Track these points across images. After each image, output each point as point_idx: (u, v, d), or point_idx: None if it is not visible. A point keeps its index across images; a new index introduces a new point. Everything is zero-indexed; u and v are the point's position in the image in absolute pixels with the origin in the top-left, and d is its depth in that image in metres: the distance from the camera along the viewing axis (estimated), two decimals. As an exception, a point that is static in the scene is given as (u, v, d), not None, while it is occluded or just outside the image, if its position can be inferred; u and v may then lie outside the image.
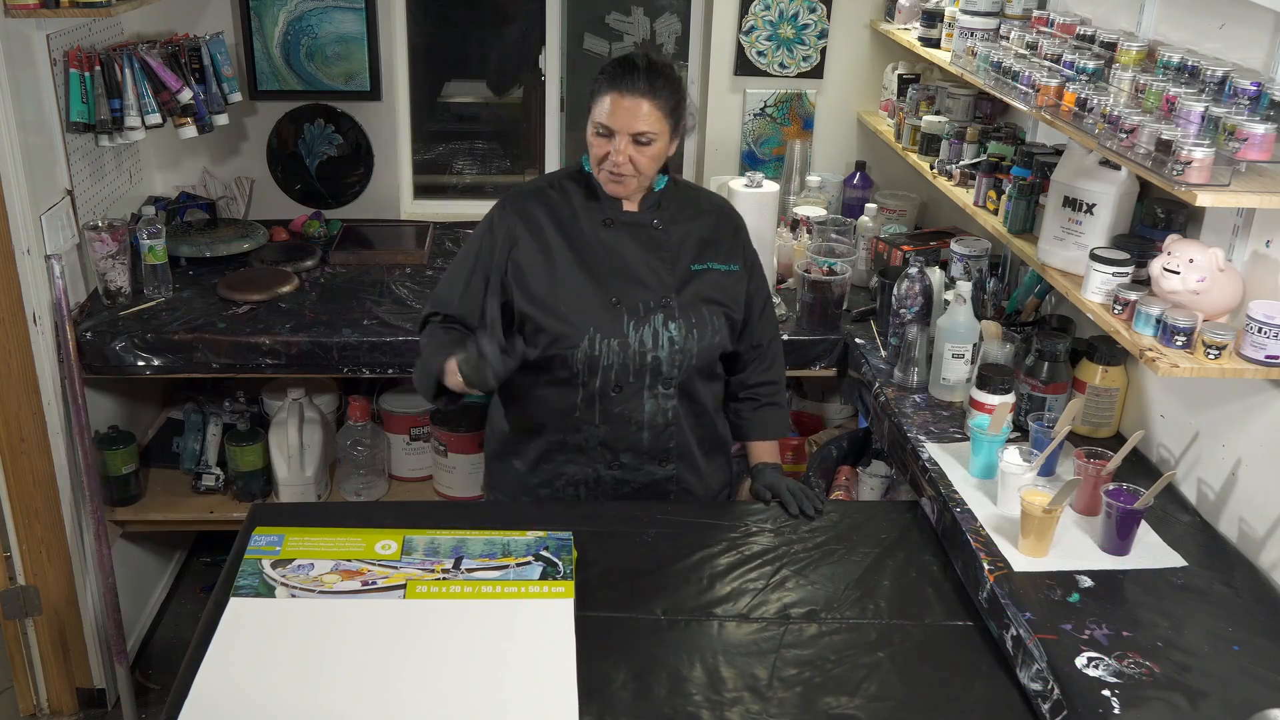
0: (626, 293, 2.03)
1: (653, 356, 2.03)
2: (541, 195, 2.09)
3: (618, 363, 2.02)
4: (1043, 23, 2.43)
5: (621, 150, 1.94)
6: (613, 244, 2.05)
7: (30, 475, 2.60)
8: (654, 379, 2.05)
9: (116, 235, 2.71)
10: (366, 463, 2.99)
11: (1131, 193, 2.10)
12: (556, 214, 2.07)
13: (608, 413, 2.06)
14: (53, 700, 2.85)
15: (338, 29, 3.30)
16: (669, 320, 2.03)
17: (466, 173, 3.82)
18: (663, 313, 2.03)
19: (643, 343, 2.02)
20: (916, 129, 2.97)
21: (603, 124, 1.95)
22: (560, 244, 2.04)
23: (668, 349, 2.03)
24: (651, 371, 2.04)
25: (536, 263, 2.04)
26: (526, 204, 2.08)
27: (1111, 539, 1.84)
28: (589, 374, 2.03)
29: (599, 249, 2.05)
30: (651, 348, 2.02)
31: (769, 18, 3.35)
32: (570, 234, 2.05)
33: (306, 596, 1.75)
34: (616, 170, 1.97)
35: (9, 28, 2.38)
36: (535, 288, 2.03)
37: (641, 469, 2.13)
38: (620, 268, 2.04)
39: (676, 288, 2.05)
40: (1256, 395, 1.87)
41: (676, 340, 2.03)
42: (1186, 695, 1.53)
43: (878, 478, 2.60)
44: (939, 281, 2.49)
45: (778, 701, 1.61)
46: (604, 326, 2.01)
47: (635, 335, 2.01)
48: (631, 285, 2.04)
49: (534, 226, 2.05)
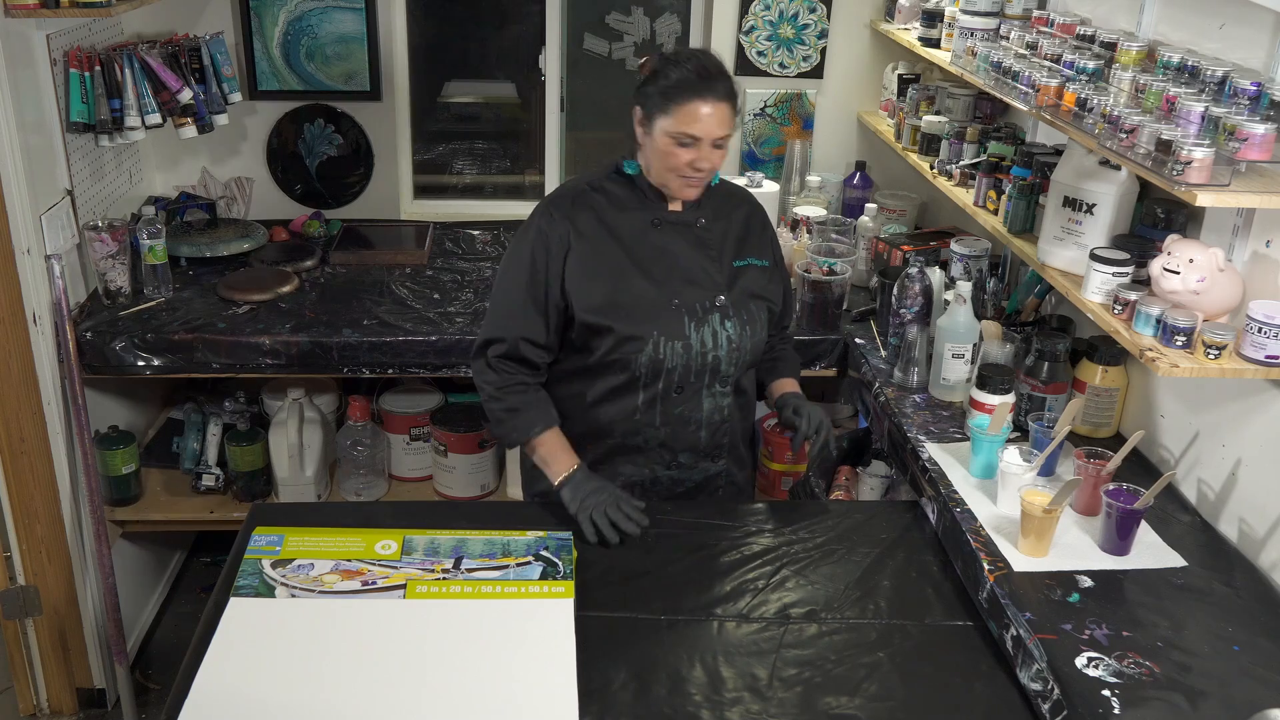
0: (684, 293, 2.02)
1: (713, 356, 2.03)
2: (586, 199, 2.04)
3: (680, 364, 2.02)
4: (1043, 23, 2.43)
5: (705, 157, 1.92)
6: (664, 245, 2.04)
7: (30, 475, 2.60)
8: (712, 378, 2.06)
9: (116, 235, 2.71)
10: (366, 463, 2.99)
11: (1131, 193, 2.10)
12: (605, 218, 2.03)
13: (668, 414, 2.06)
14: (53, 700, 2.85)
15: (338, 29, 3.30)
16: (725, 319, 2.03)
17: (466, 173, 3.82)
18: (718, 312, 2.03)
19: (703, 343, 2.02)
20: (916, 129, 2.97)
21: (689, 134, 1.90)
22: (614, 247, 2.02)
23: (726, 348, 2.04)
24: (711, 371, 2.05)
25: (594, 268, 2.00)
26: (574, 209, 2.03)
27: (1111, 539, 1.84)
28: (651, 377, 2.03)
29: (652, 250, 2.03)
30: (712, 347, 2.03)
31: (769, 18, 3.35)
32: (622, 237, 2.02)
33: (306, 596, 1.75)
34: (700, 177, 1.96)
35: (9, 28, 2.38)
36: (595, 293, 1.99)
37: (696, 467, 2.14)
38: (674, 268, 2.03)
39: (727, 285, 2.06)
40: (1256, 395, 1.87)
41: (734, 338, 2.04)
42: (1186, 695, 1.53)
43: (878, 478, 2.60)
44: (939, 281, 2.49)
45: (778, 701, 1.61)
46: (667, 329, 2.00)
47: (696, 336, 2.01)
48: (687, 285, 2.03)
49: (586, 231, 2.01)
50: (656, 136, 1.93)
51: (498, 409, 2.05)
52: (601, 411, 2.07)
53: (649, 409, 2.05)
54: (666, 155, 1.93)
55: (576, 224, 2.01)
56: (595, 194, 2.05)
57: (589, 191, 2.05)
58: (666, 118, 1.90)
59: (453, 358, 2.69)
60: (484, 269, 3.13)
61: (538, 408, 2.04)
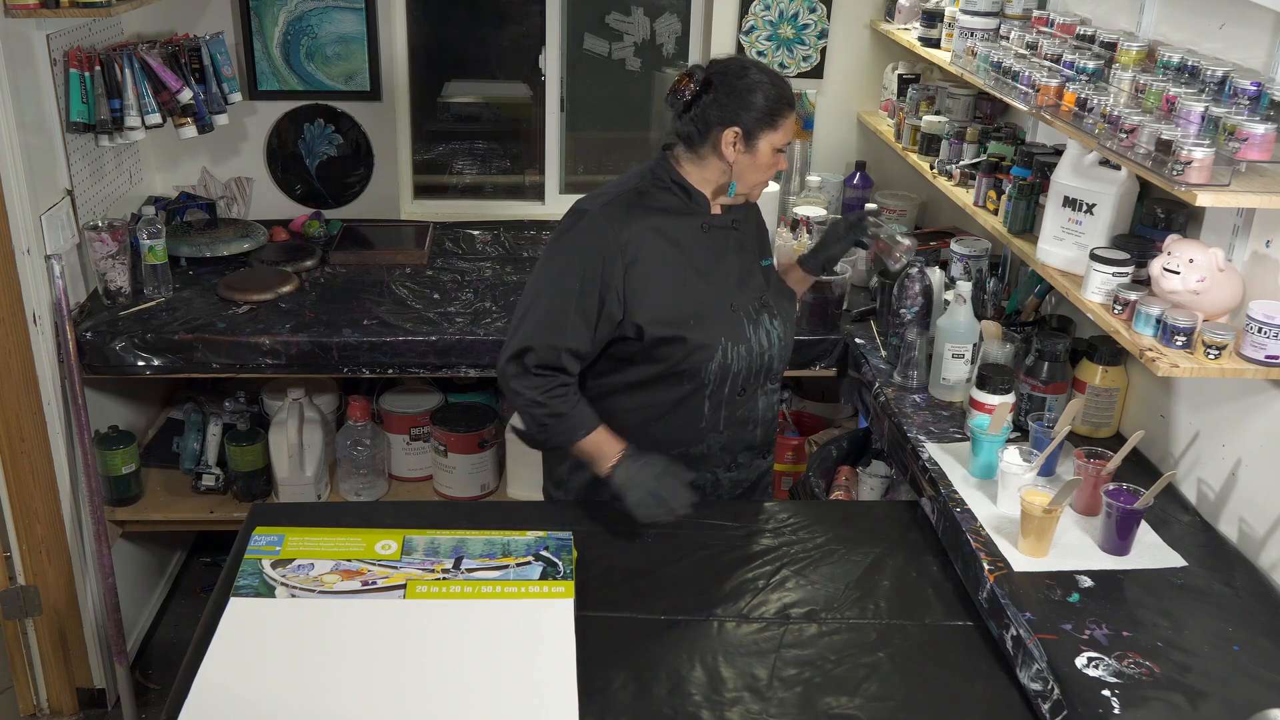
0: (738, 296, 2.04)
1: (769, 355, 2.06)
2: (641, 206, 1.98)
3: (744, 367, 2.04)
4: (1043, 23, 2.43)
5: None
6: (714, 248, 2.04)
7: (30, 475, 2.60)
8: (767, 376, 2.10)
9: (116, 235, 2.71)
10: (366, 463, 2.99)
11: (1131, 193, 2.10)
12: (660, 225, 1.99)
13: (731, 416, 2.08)
14: (53, 700, 2.85)
15: (338, 29, 3.30)
16: (772, 318, 2.07)
17: (466, 173, 3.82)
18: (766, 312, 2.06)
19: (761, 344, 2.04)
20: (916, 129, 2.97)
21: (787, 143, 1.99)
22: (675, 255, 1.99)
23: (778, 345, 2.08)
24: (766, 370, 2.08)
25: (659, 279, 1.96)
26: (631, 217, 1.96)
27: (1111, 539, 1.84)
28: (719, 382, 2.03)
29: (707, 255, 2.02)
30: (767, 346, 2.06)
31: (769, 18, 3.35)
32: (680, 244, 2.00)
33: (306, 596, 1.75)
34: None
35: (9, 28, 2.39)
36: (663, 304, 1.96)
37: (752, 465, 2.17)
38: (728, 272, 2.04)
39: (766, 286, 2.09)
40: (1256, 395, 1.87)
41: (782, 336, 2.08)
42: (1186, 695, 1.53)
43: (878, 478, 2.60)
44: (939, 281, 2.49)
45: (778, 701, 1.61)
46: (732, 333, 2.01)
47: (755, 337, 2.04)
48: (739, 288, 2.04)
49: (647, 241, 1.96)
50: (761, 151, 1.96)
51: (541, 414, 1.96)
52: (664, 424, 2.04)
53: (714, 414, 2.06)
54: (771, 167, 1.99)
55: (636, 234, 1.95)
56: (647, 200, 2.00)
57: (639, 198, 1.99)
58: (774, 132, 1.95)
59: (453, 358, 2.69)
60: (484, 269, 3.13)
61: (581, 410, 1.98)
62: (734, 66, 1.96)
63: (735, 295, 2.03)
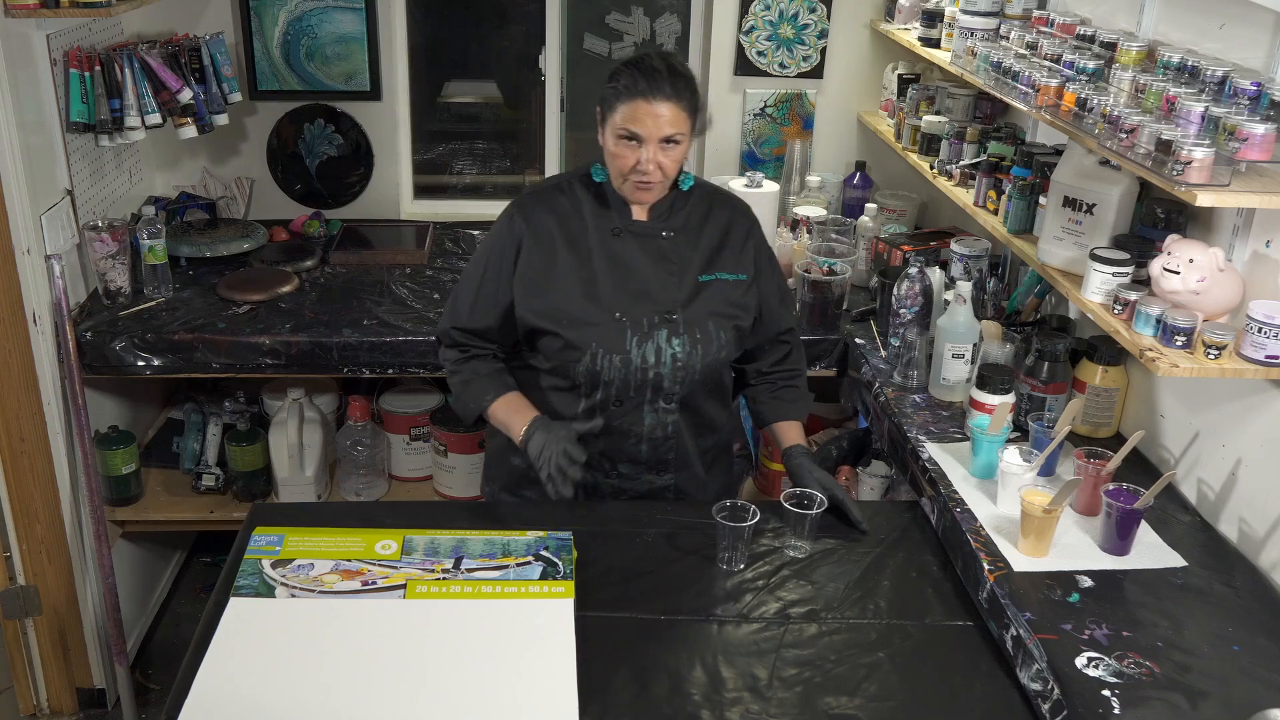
0: (630, 307, 1.99)
1: (654, 373, 2.00)
2: (552, 200, 2.04)
3: (619, 378, 2.00)
4: (1043, 23, 2.43)
5: (651, 157, 1.89)
6: (620, 255, 2.01)
7: (30, 475, 2.60)
8: (655, 394, 2.02)
9: (116, 235, 2.71)
10: (366, 463, 2.99)
11: (1131, 193, 2.10)
12: (565, 222, 2.02)
13: (607, 425, 2.04)
14: (53, 700, 2.85)
15: (338, 29, 3.30)
16: (673, 336, 1.99)
17: (466, 173, 3.82)
18: (667, 328, 1.99)
19: (645, 359, 1.98)
20: (916, 129, 2.97)
21: (630, 130, 1.88)
22: (566, 253, 2.00)
23: (670, 365, 2.00)
24: (653, 387, 2.01)
25: (541, 272, 2.00)
26: (535, 210, 2.03)
27: (1111, 539, 1.84)
28: (590, 387, 2.02)
29: (605, 260, 2.00)
30: (654, 364, 1.99)
31: (769, 18, 3.35)
32: (577, 243, 2.01)
33: (306, 596, 1.75)
34: (646, 179, 1.92)
35: (9, 28, 2.39)
36: (539, 298, 2.00)
37: (639, 479, 2.12)
38: (627, 280, 2.00)
39: (684, 301, 2.01)
40: (1256, 395, 1.87)
41: (680, 356, 1.99)
42: (1186, 695, 1.53)
43: (878, 478, 2.60)
44: (939, 281, 2.49)
45: (778, 701, 1.61)
46: (606, 342, 1.97)
47: (638, 351, 1.98)
48: (636, 299, 2.00)
49: (540, 234, 2.01)
50: (608, 137, 1.93)
51: (454, 381, 2.12)
52: (547, 411, 2.06)
53: (588, 418, 2.02)
54: (615, 156, 1.92)
55: (533, 226, 2.02)
56: (561, 196, 2.04)
57: (555, 193, 2.05)
58: (614, 115, 1.90)
59: (453, 358, 2.69)
60: (484, 269, 3.12)
61: (492, 376, 2.08)
62: (642, 53, 1.97)
63: (629, 305, 1.98)
